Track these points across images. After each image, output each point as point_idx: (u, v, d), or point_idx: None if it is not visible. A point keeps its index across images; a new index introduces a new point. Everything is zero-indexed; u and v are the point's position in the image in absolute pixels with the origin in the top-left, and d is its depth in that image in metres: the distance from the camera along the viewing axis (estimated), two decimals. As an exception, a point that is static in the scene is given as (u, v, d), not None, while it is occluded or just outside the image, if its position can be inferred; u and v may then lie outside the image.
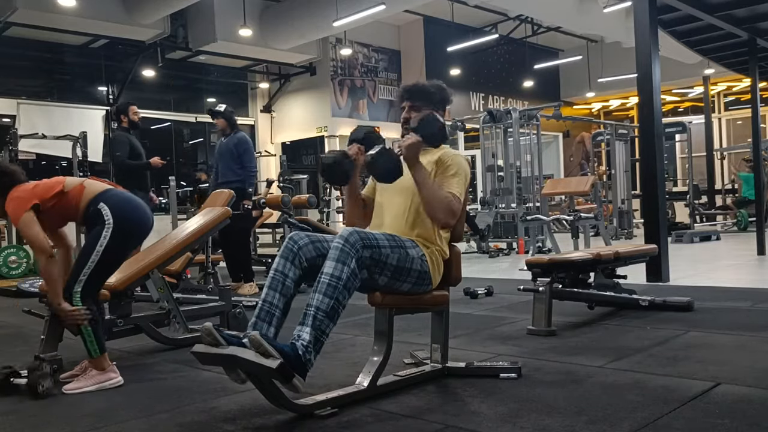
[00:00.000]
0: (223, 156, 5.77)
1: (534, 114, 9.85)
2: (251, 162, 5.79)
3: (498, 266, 7.30)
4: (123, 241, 2.74)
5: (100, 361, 2.66)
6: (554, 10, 11.89)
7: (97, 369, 2.66)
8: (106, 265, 2.74)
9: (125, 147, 5.79)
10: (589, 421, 1.99)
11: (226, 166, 5.72)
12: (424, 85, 2.69)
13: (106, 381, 2.65)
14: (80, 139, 8.71)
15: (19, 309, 3.50)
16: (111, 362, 2.72)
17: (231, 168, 5.69)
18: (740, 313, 3.82)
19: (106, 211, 2.70)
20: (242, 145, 5.73)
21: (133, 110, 5.96)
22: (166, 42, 11.60)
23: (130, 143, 5.86)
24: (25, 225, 2.62)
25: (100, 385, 2.62)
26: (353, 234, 2.21)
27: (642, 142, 5.62)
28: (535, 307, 3.41)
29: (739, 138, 15.55)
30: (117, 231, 2.69)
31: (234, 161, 5.69)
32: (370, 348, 2.43)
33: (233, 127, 5.83)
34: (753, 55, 7.36)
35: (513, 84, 16.21)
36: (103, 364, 2.67)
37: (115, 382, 2.66)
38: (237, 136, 5.78)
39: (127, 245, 2.81)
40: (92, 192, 2.78)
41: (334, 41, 13.43)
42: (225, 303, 3.66)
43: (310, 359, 2.05)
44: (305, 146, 14.72)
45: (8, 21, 9.75)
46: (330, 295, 2.11)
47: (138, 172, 5.90)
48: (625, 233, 10.73)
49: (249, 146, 5.83)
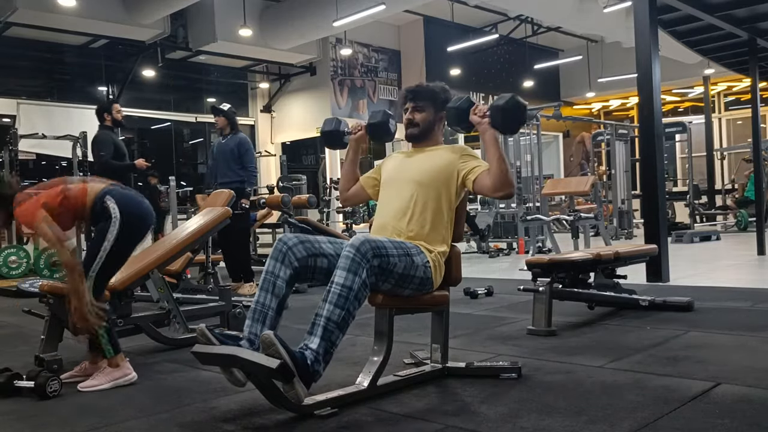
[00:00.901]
0: (223, 156, 5.75)
1: (534, 114, 9.85)
2: (252, 163, 5.82)
3: (498, 266, 7.30)
4: (130, 236, 2.75)
5: (115, 360, 2.68)
6: (554, 10, 11.88)
7: (112, 366, 2.67)
8: (115, 259, 2.74)
9: (109, 147, 5.72)
10: (589, 421, 1.99)
11: (226, 167, 5.71)
12: (428, 86, 2.70)
13: (121, 378, 2.66)
14: (80, 139, 8.71)
15: (19, 309, 3.51)
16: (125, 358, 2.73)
17: (231, 168, 5.68)
18: (740, 313, 3.82)
19: (113, 205, 2.71)
20: (244, 146, 5.75)
21: (117, 108, 5.91)
22: (166, 42, 11.60)
23: (114, 143, 5.80)
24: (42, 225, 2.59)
25: (115, 382, 2.64)
26: (365, 243, 2.19)
27: (642, 142, 5.62)
28: (535, 307, 3.41)
29: (739, 138, 15.56)
30: (123, 225, 2.69)
31: (234, 162, 5.68)
32: (370, 348, 2.43)
33: (233, 128, 5.84)
34: (753, 55, 7.36)
35: (513, 84, 16.20)
36: (118, 361, 2.69)
37: (129, 379, 2.68)
38: (238, 136, 5.80)
39: (133, 239, 2.81)
40: (97, 188, 2.79)
41: (334, 41, 13.43)
42: (225, 303, 3.66)
43: (318, 370, 2.06)
44: (305, 146, 14.73)
45: (8, 21, 9.75)
46: (341, 306, 2.11)
47: (121, 173, 5.77)
48: (625, 233, 10.73)
49: (250, 147, 5.87)
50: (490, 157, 2.44)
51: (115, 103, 6.01)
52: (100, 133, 5.89)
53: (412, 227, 2.48)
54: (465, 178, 2.52)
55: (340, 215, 11.44)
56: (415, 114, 2.65)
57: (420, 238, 2.47)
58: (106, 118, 5.88)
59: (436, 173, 2.54)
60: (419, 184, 2.53)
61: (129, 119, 12.44)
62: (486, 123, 2.47)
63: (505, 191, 2.45)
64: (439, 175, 2.54)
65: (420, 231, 2.48)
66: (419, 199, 2.51)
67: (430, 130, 2.66)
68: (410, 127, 2.66)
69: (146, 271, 3.19)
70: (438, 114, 2.67)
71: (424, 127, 2.65)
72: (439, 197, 2.52)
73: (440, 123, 2.69)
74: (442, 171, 2.55)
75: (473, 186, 2.50)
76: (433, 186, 2.53)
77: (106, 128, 5.90)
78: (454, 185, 2.54)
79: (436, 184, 2.53)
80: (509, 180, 2.42)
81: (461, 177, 2.53)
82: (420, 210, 2.50)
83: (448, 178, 2.54)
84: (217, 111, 5.79)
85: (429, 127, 2.66)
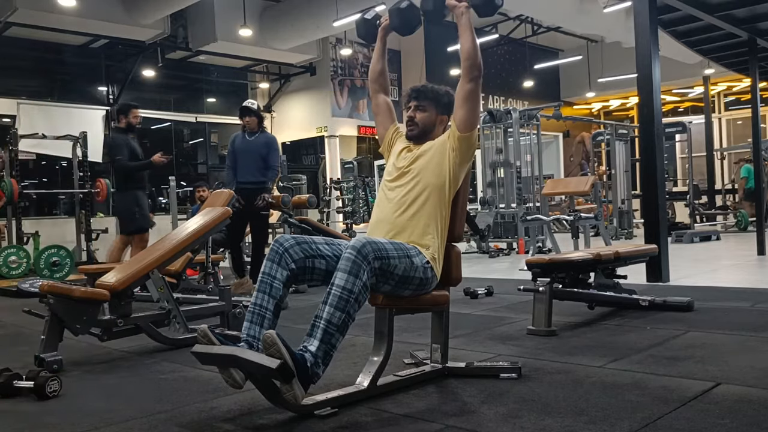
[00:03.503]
0: (249, 154, 5.59)
1: (534, 114, 9.85)
2: (278, 161, 5.77)
3: (498, 266, 7.30)
4: None
5: None
6: (554, 10, 11.89)
7: None
8: None
9: (124, 150, 5.75)
10: (589, 421, 1.99)
11: (252, 165, 5.55)
12: (433, 87, 2.71)
13: None
14: (80, 139, 8.73)
15: (19, 309, 3.50)
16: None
17: (258, 167, 5.55)
18: (740, 313, 3.82)
19: None
20: (273, 144, 5.70)
21: (134, 113, 5.89)
22: (166, 42, 11.61)
23: (129, 146, 5.81)
24: None
25: None
26: (366, 245, 2.19)
27: (642, 142, 5.62)
28: (535, 307, 3.41)
29: (739, 138, 15.57)
30: None
31: (261, 160, 5.57)
32: (370, 348, 2.43)
33: (261, 125, 5.74)
34: (753, 55, 7.36)
35: (513, 84, 16.21)
36: None
37: None
38: (267, 135, 5.75)
39: None
40: None
41: (334, 41, 13.44)
42: (225, 303, 3.66)
43: (317, 372, 2.05)
44: (305, 146, 14.73)
45: (8, 21, 9.76)
46: (341, 309, 2.10)
47: (139, 172, 5.87)
48: (625, 233, 10.74)
49: (278, 146, 5.89)
50: (467, 38, 2.53)
51: (134, 108, 5.94)
52: (114, 137, 5.91)
53: (409, 222, 2.48)
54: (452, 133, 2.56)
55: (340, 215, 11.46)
56: (417, 113, 2.65)
57: (417, 235, 2.47)
58: (122, 120, 5.85)
59: (433, 166, 2.55)
60: (417, 179, 2.52)
61: (129, 119, 12.50)
62: (463, 6, 2.56)
63: (475, 72, 2.53)
64: (437, 168, 2.54)
65: (417, 226, 2.48)
66: (416, 194, 2.51)
67: (429, 131, 2.66)
68: (410, 125, 2.66)
69: (146, 271, 3.19)
70: (439, 116, 2.68)
71: (423, 128, 2.65)
72: (436, 191, 2.52)
73: (441, 126, 2.69)
74: (438, 163, 2.55)
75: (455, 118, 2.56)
76: (430, 180, 2.53)
77: (120, 131, 5.90)
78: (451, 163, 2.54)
79: (434, 179, 2.53)
80: (480, 61, 2.53)
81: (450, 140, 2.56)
82: (418, 205, 2.50)
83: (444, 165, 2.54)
84: (247, 111, 5.64)
85: (429, 128, 2.66)
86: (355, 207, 11.63)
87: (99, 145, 11.33)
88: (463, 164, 2.57)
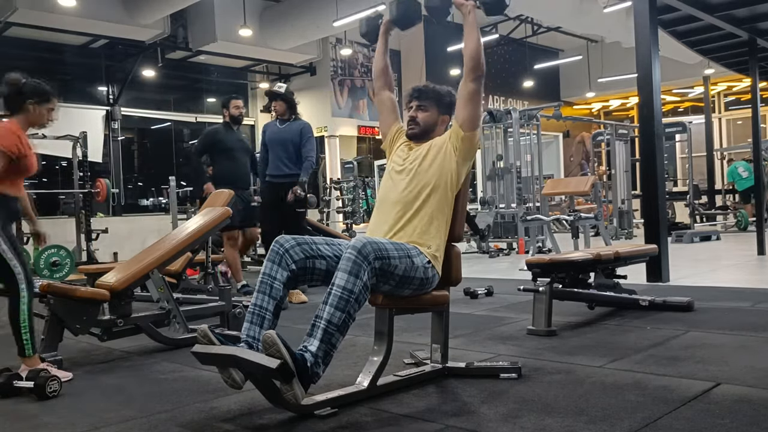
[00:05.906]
0: (280, 144, 5.10)
1: (534, 114, 9.86)
2: (314, 152, 5.17)
3: (498, 266, 7.30)
4: None
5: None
6: (554, 10, 11.88)
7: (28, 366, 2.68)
8: None
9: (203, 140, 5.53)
10: (589, 421, 1.99)
11: (284, 156, 5.08)
12: (435, 87, 2.72)
13: None
14: (80, 139, 8.72)
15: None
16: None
17: (290, 158, 5.07)
18: (740, 313, 3.82)
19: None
20: (307, 133, 5.12)
21: (234, 104, 5.54)
22: (166, 42, 11.61)
23: (215, 138, 5.47)
24: None
25: None
26: (366, 245, 2.18)
27: (642, 142, 5.62)
28: (535, 307, 3.41)
29: (739, 138, 15.57)
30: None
31: (294, 150, 5.07)
32: (370, 348, 2.43)
33: (293, 111, 5.20)
34: (753, 55, 7.36)
35: (513, 84, 16.21)
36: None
37: None
38: (301, 122, 5.19)
39: None
40: None
41: (334, 41, 13.44)
42: (225, 303, 3.66)
43: (317, 372, 2.05)
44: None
45: (8, 21, 9.75)
46: (341, 309, 2.10)
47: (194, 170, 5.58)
48: (625, 233, 10.73)
49: (313, 134, 5.25)
50: (472, 37, 2.56)
51: (233, 99, 5.59)
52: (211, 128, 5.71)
53: (410, 221, 2.49)
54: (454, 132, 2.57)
55: (340, 215, 11.46)
56: (418, 113, 2.66)
57: (418, 234, 2.47)
58: (225, 114, 5.56)
59: (435, 165, 2.55)
60: (419, 178, 2.53)
61: (129, 119, 12.51)
62: (471, 5, 2.58)
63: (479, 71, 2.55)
64: (439, 167, 2.54)
65: (418, 224, 2.48)
66: (417, 193, 2.51)
67: (430, 131, 2.67)
68: (412, 125, 2.67)
69: (146, 271, 3.19)
70: (441, 116, 2.68)
71: (424, 127, 2.66)
72: (438, 189, 2.52)
73: (442, 126, 2.70)
74: (440, 162, 2.55)
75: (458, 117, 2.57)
76: (432, 179, 2.53)
77: (224, 124, 5.57)
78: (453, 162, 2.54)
79: (436, 178, 2.53)
80: (483, 61, 2.56)
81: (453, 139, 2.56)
82: (419, 204, 2.50)
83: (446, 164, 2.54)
84: (274, 95, 5.19)
85: (430, 128, 2.67)
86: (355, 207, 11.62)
87: (99, 144, 11.34)
88: (465, 164, 2.58)
